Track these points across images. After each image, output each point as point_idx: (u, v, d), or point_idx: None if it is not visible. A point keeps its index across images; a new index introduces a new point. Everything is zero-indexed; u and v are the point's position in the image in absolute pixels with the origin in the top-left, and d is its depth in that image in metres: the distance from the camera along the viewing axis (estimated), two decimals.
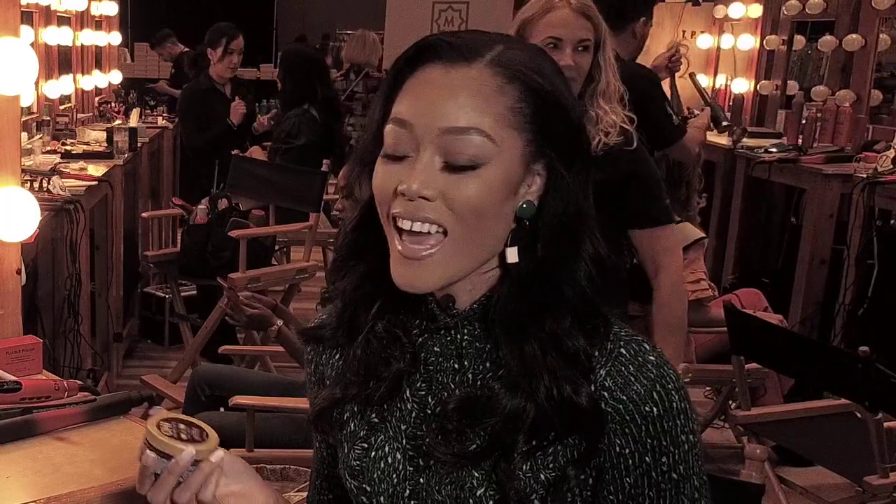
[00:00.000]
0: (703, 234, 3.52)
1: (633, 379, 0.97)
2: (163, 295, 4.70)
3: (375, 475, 1.03)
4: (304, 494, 1.19)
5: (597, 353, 0.98)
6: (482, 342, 1.00)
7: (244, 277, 3.84)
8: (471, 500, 0.98)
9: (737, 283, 4.56)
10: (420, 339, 1.03)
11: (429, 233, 0.95)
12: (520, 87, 0.95)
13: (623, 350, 0.98)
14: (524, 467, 0.96)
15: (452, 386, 1.01)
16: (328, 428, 1.08)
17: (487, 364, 1.00)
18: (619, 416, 0.96)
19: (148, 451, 1.00)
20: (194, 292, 4.59)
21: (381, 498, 1.03)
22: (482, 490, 0.97)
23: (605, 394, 0.96)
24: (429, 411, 1.02)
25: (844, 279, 3.88)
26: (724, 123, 3.48)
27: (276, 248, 4.86)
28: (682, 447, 0.97)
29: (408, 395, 1.03)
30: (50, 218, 3.14)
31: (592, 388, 0.96)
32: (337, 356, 1.10)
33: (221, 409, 2.69)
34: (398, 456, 1.02)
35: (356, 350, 1.04)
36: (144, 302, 4.84)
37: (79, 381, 1.51)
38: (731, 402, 3.26)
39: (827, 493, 2.78)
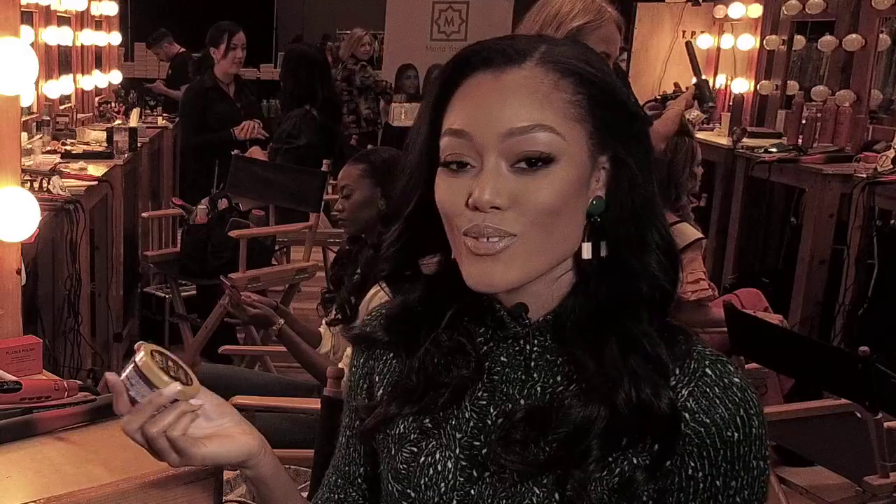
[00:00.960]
0: (701, 235, 3.52)
1: (718, 402, 0.94)
2: (163, 295, 4.70)
3: (422, 482, 0.99)
4: (304, 494, 1.18)
5: (678, 371, 0.95)
6: (553, 354, 0.97)
7: (244, 277, 3.84)
8: None
9: (737, 283, 4.56)
10: (485, 348, 1.00)
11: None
12: (574, 79, 0.93)
13: (709, 370, 0.95)
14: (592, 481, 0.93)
15: (518, 397, 0.98)
16: (375, 436, 1.06)
17: (558, 378, 0.97)
18: (699, 440, 0.94)
19: (133, 372, 1.01)
20: (194, 292, 4.59)
21: None
22: None
23: (687, 415, 0.93)
24: (489, 422, 0.98)
25: (844, 279, 3.88)
26: (709, 104, 3.37)
27: (276, 248, 4.87)
28: (751, 472, 0.95)
29: (466, 403, 0.99)
30: (50, 218, 3.14)
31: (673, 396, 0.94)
32: (391, 354, 1.07)
33: None
34: (449, 464, 0.99)
35: (415, 363, 1.02)
36: (144, 302, 4.84)
37: (79, 381, 1.50)
38: None
39: (827, 493, 2.77)
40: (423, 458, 1.00)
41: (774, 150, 4.58)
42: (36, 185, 3.32)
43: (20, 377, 1.43)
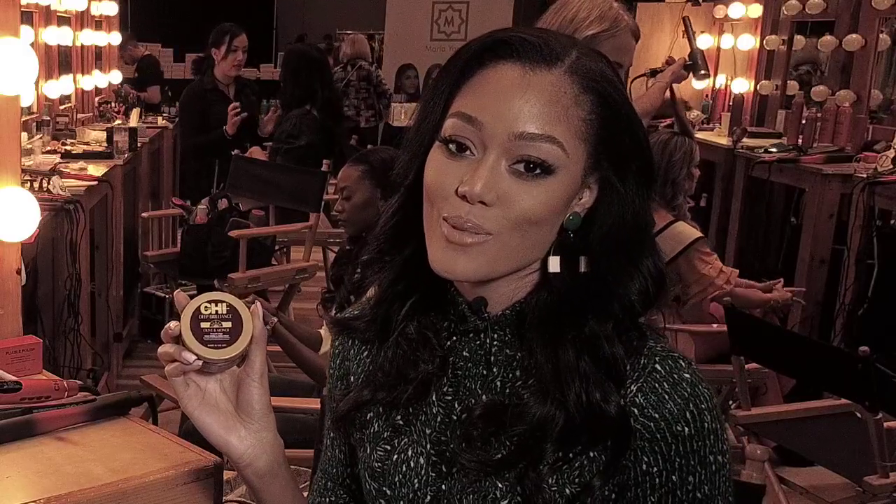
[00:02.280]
0: (699, 233, 3.52)
1: (666, 397, 0.94)
2: (163, 295, 4.69)
3: (397, 478, 1.00)
4: (304, 494, 1.18)
5: (628, 368, 0.95)
6: (512, 349, 0.98)
7: (244, 277, 3.84)
8: None
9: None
10: (449, 343, 1.01)
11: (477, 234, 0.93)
12: (593, 98, 0.93)
13: (658, 366, 0.95)
14: (550, 480, 0.94)
15: (479, 392, 0.99)
16: (351, 428, 1.06)
17: (517, 372, 0.97)
18: (650, 434, 0.94)
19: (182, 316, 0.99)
20: (194, 292, 4.57)
21: (402, 502, 1.01)
22: (506, 502, 0.95)
23: (636, 410, 0.94)
24: (454, 417, 0.99)
25: (844, 279, 3.88)
26: (703, 72, 3.33)
27: (276, 248, 4.87)
28: (709, 467, 0.95)
29: (434, 398, 1.00)
30: (50, 218, 3.15)
31: (622, 401, 0.94)
32: (365, 353, 1.08)
33: None
34: (421, 460, 1.00)
35: (387, 352, 1.03)
36: (144, 302, 4.83)
37: (79, 381, 1.50)
38: (731, 402, 3.27)
39: (827, 493, 2.77)
40: (396, 456, 1.01)
41: (774, 150, 4.58)
42: (36, 185, 3.32)
43: (20, 377, 1.43)
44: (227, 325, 0.98)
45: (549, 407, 0.93)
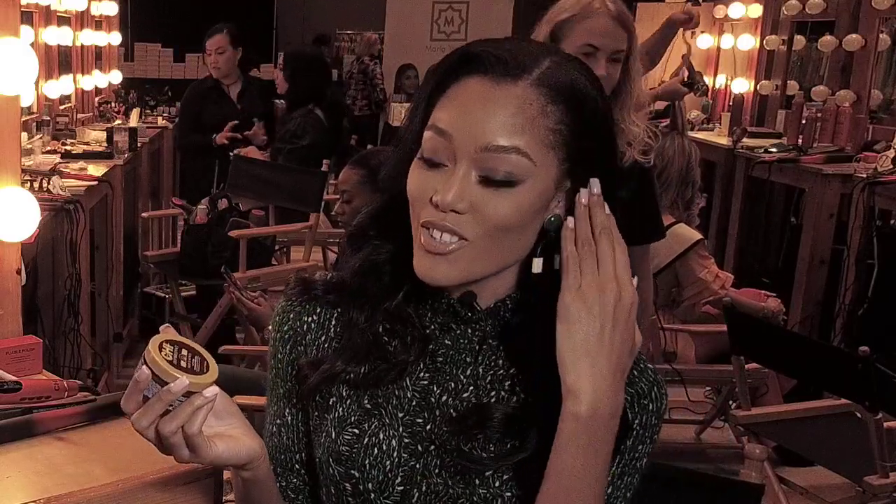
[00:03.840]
0: (700, 236, 3.53)
1: (636, 378, 1.02)
2: (163, 295, 4.70)
3: (367, 462, 1.02)
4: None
5: None
6: (495, 340, 1.03)
7: (244, 277, 3.84)
8: (477, 480, 1.00)
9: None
10: (430, 328, 1.04)
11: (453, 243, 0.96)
12: (562, 107, 0.96)
13: None
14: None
15: (462, 378, 1.03)
16: (310, 408, 1.08)
17: (500, 361, 1.03)
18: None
19: (144, 367, 0.95)
20: (194, 292, 4.59)
21: (370, 485, 1.02)
22: (489, 471, 0.99)
23: None
24: (432, 399, 1.03)
25: (844, 279, 3.88)
26: (703, 88, 3.45)
27: (276, 248, 4.87)
28: (651, 446, 1.04)
29: (407, 383, 1.04)
30: (50, 218, 3.15)
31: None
32: (334, 323, 1.08)
33: None
34: (393, 443, 1.02)
35: (364, 326, 1.05)
36: (144, 302, 4.84)
37: (79, 381, 1.50)
38: (731, 402, 3.27)
39: (827, 493, 2.78)
40: (366, 440, 1.03)
41: (774, 150, 4.58)
42: (36, 185, 3.32)
43: (20, 377, 1.43)
44: (186, 351, 0.98)
45: (537, 395, 0.98)
